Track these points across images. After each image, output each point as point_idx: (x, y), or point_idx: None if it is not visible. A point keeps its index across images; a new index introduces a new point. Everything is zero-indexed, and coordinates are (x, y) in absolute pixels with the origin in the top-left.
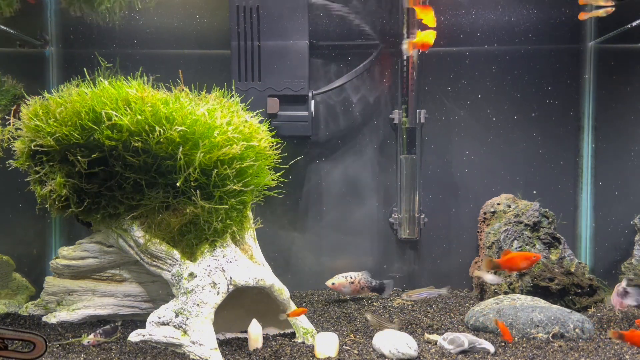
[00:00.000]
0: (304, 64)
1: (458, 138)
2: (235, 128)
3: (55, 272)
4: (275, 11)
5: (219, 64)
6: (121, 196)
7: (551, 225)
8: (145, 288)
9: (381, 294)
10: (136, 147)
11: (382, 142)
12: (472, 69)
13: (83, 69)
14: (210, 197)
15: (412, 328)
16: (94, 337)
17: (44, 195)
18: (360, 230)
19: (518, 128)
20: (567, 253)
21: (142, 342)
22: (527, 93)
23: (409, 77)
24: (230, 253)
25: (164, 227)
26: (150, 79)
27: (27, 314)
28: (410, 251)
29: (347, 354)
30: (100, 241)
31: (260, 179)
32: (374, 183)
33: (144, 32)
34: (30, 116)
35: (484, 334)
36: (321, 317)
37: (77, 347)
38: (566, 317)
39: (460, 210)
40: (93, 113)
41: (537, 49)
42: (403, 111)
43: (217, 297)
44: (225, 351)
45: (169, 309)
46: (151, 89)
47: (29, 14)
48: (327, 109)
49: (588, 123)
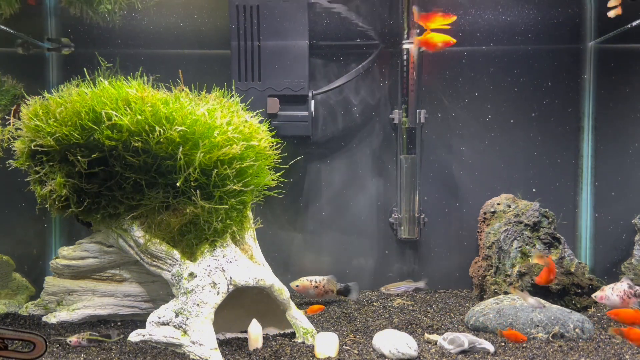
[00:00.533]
0: (304, 64)
1: (458, 138)
2: (235, 128)
3: (55, 272)
4: (275, 11)
5: (219, 64)
6: (121, 196)
7: (551, 225)
8: (145, 288)
9: (347, 296)
10: (136, 147)
11: (382, 142)
12: (472, 68)
13: (83, 69)
14: (210, 197)
15: (412, 328)
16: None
17: (44, 195)
18: (360, 230)
19: (518, 128)
20: (567, 253)
21: (142, 342)
22: (527, 93)
23: (409, 77)
24: (230, 253)
25: (164, 227)
26: (150, 79)
27: (27, 314)
28: (410, 251)
29: (347, 354)
30: (100, 241)
31: (260, 179)
32: (374, 183)
33: (144, 32)
34: (30, 116)
35: (484, 334)
36: (321, 317)
37: (78, 347)
38: (566, 317)
39: (460, 210)
40: (93, 113)
41: (537, 49)
42: (403, 111)
43: (217, 297)
44: (225, 351)
45: (169, 309)
46: (151, 89)
47: (29, 14)
48: (327, 109)
49: (588, 123)
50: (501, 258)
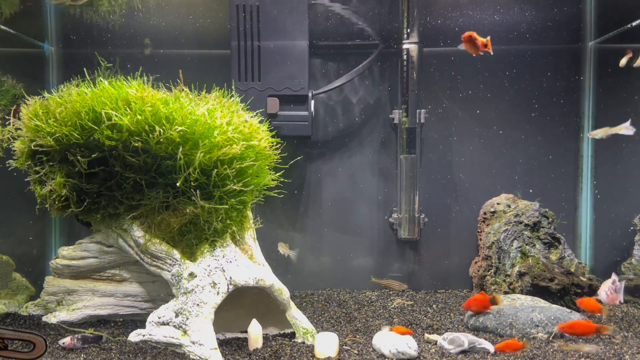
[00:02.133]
0: (304, 64)
1: (458, 138)
2: (235, 128)
3: (55, 272)
4: (275, 11)
5: (219, 64)
6: (121, 196)
7: (551, 225)
8: (145, 288)
9: None
10: (136, 147)
11: (382, 142)
12: (472, 68)
13: (83, 69)
14: (210, 197)
15: (412, 328)
16: (70, 340)
17: (44, 195)
18: (360, 230)
19: (518, 128)
20: (567, 253)
21: (142, 342)
22: (527, 93)
23: (409, 77)
24: (230, 253)
25: (164, 227)
26: (150, 79)
27: (27, 314)
28: (410, 251)
29: (347, 354)
30: (100, 241)
31: (260, 179)
32: (374, 183)
33: (144, 32)
34: (30, 116)
35: (484, 334)
36: (321, 317)
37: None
38: (566, 317)
39: (460, 210)
40: (93, 113)
41: (537, 49)
42: (403, 111)
43: (217, 297)
44: (225, 351)
45: (169, 309)
46: (151, 89)
47: (29, 14)
48: (327, 109)
49: (588, 123)
50: (501, 258)
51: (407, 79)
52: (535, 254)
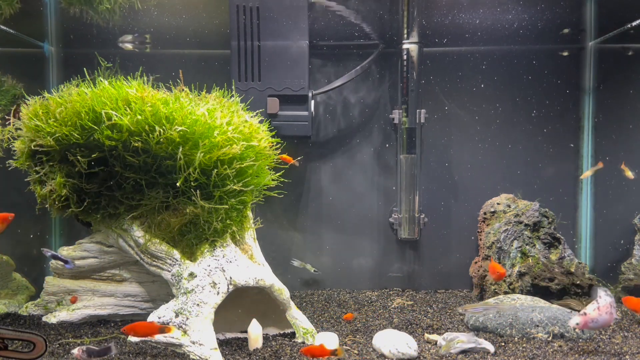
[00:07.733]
0: (304, 64)
1: (458, 138)
2: (235, 128)
3: (55, 272)
4: (275, 11)
5: (219, 64)
6: (121, 196)
7: (551, 225)
8: (145, 288)
9: None
10: (136, 147)
11: (382, 142)
12: (472, 68)
13: (83, 69)
14: (210, 197)
15: (412, 328)
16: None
17: (44, 195)
18: (360, 230)
19: (518, 128)
20: (567, 253)
21: (142, 342)
22: (527, 93)
23: (409, 77)
24: (230, 253)
25: (164, 227)
26: (150, 79)
27: (27, 314)
28: (410, 251)
29: (347, 354)
30: (100, 241)
31: (260, 179)
32: (374, 183)
33: (144, 32)
34: (30, 116)
35: (484, 334)
36: (321, 317)
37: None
38: (566, 317)
39: (460, 210)
40: (93, 113)
41: (537, 49)
42: (403, 111)
43: (217, 297)
44: (225, 351)
45: (169, 309)
46: (151, 89)
47: (29, 14)
48: (327, 109)
49: (588, 123)
50: (501, 258)
51: (407, 79)
52: (535, 254)
